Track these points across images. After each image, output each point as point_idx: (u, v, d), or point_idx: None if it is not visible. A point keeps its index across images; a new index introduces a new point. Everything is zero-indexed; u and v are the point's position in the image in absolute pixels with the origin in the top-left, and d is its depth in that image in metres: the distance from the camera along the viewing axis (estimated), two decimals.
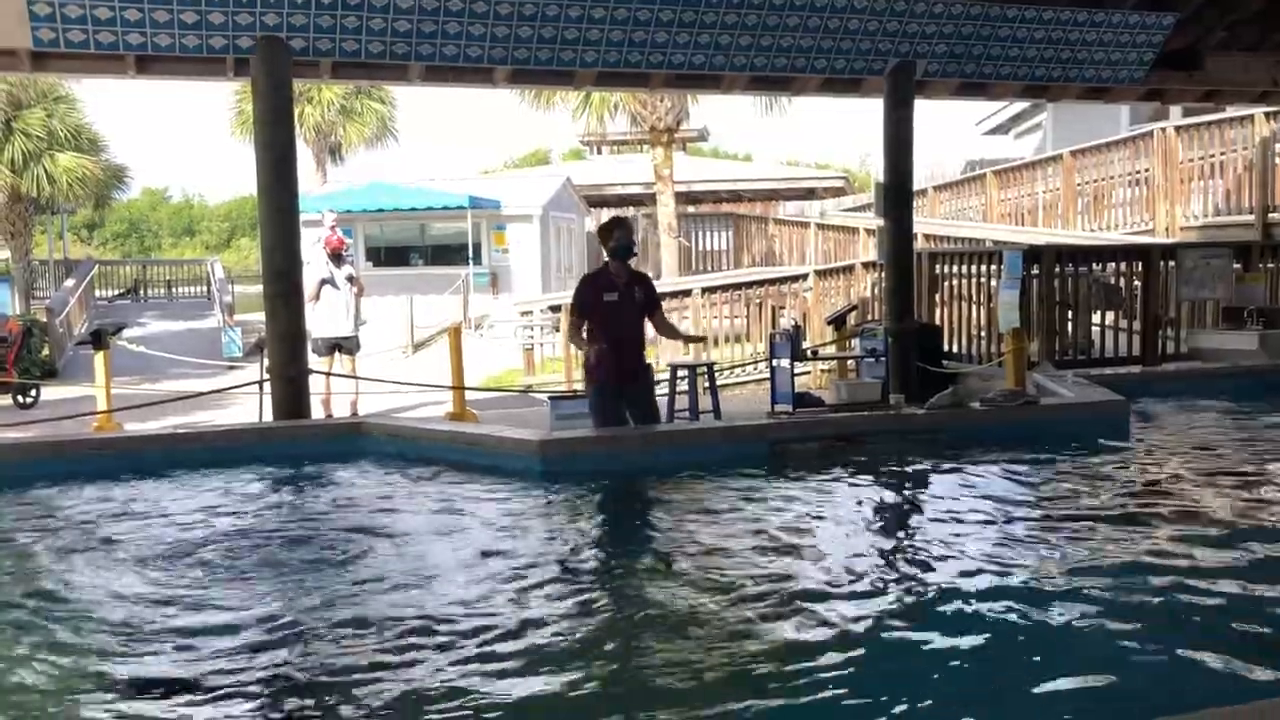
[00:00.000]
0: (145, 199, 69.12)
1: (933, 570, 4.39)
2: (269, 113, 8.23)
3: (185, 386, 12.57)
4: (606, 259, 7.18)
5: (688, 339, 9.20)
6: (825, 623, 3.81)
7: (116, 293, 29.44)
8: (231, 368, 17.14)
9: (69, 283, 24.23)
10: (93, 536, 5.21)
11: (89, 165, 24.92)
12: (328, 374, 10.21)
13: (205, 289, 28.61)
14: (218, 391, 10.60)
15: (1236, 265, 10.75)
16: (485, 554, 4.75)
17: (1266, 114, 13.45)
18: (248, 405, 10.12)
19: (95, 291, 26.76)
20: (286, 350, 8.17)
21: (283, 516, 5.71)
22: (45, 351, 17.85)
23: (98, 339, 9.53)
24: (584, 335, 6.98)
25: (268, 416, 8.52)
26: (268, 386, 8.43)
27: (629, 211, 29.14)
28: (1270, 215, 13.43)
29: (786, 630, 3.76)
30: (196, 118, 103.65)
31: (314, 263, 10.56)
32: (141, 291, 29.72)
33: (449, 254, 25.43)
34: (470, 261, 24.60)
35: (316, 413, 9.20)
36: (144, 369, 14.52)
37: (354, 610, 3.99)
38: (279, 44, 8.12)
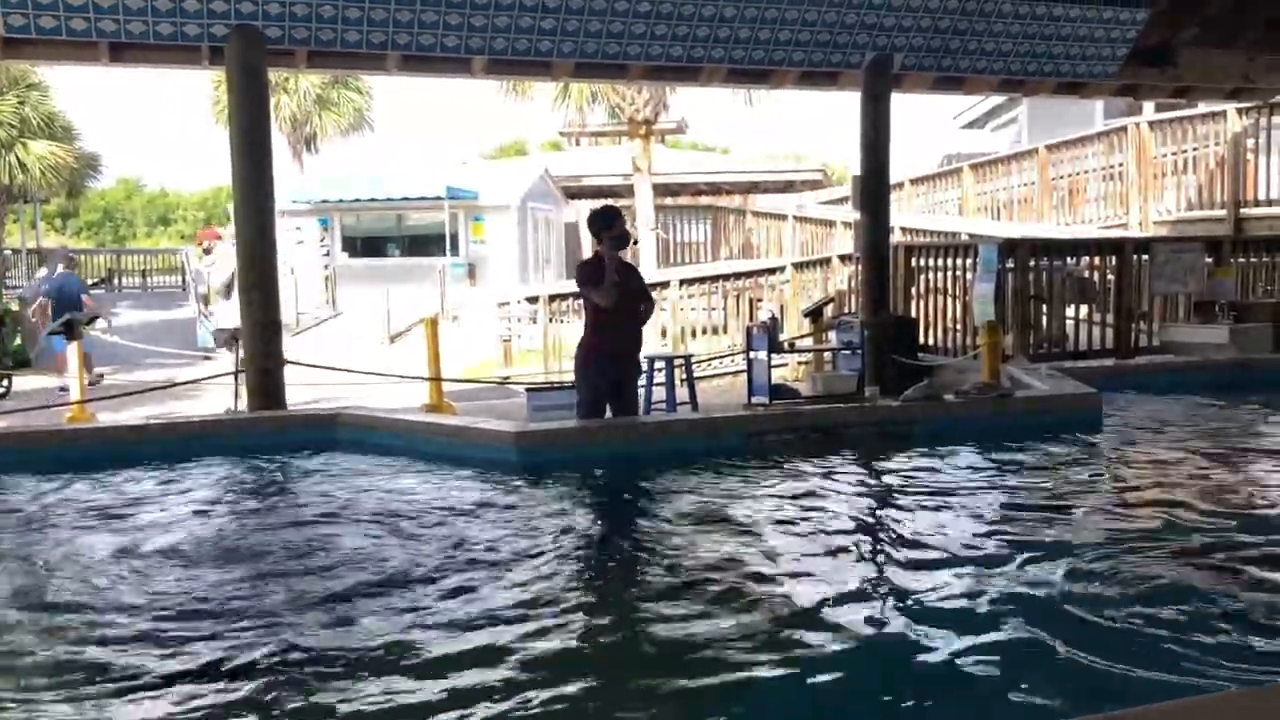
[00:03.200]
0: (119, 188, 68.47)
1: (904, 560, 4.43)
2: (244, 102, 8.19)
3: (160, 376, 12.49)
4: (599, 247, 7.12)
5: None
6: (802, 613, 3.84)
7: (90, 282, 29.18)
8: (206, 358, 17.06)
9: (42, 272, 23.99)
10: (60, 528, 5.18)
11: (62, 153, 24.66)
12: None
13: (180, 279, 28.41)
14: (192, 382, 10.54)
15: (1208, 259, 10.86)
16: (460, 546, 4.75)
17: (1238, 110, 13.58)
18: (222, 395, 10.07)
19: None
20: (261, 340, 8.14)
21: (255, 508, 5.69)
22: (18, 341, 17.70)
23: (70, 329, 9.46)
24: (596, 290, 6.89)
25: (243, 406, 8.47)
26: (243, 377, 8.39)
27: (607, 203, 29.07)
28: (1241, 210, 13.57)
29: (761, 620, 3.78)
30: (172, 106, 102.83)
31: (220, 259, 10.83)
32: (115, 281, 29.49)
33: (426, 245, 25.33)
34: (447, 252, 24.51)
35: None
36: (118, 359, 14.43)
37: (324, 603, 3.98)
38: (254, 32, 8.07)
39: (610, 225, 7.09)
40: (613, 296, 6.83)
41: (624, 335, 7.11)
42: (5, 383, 14.58)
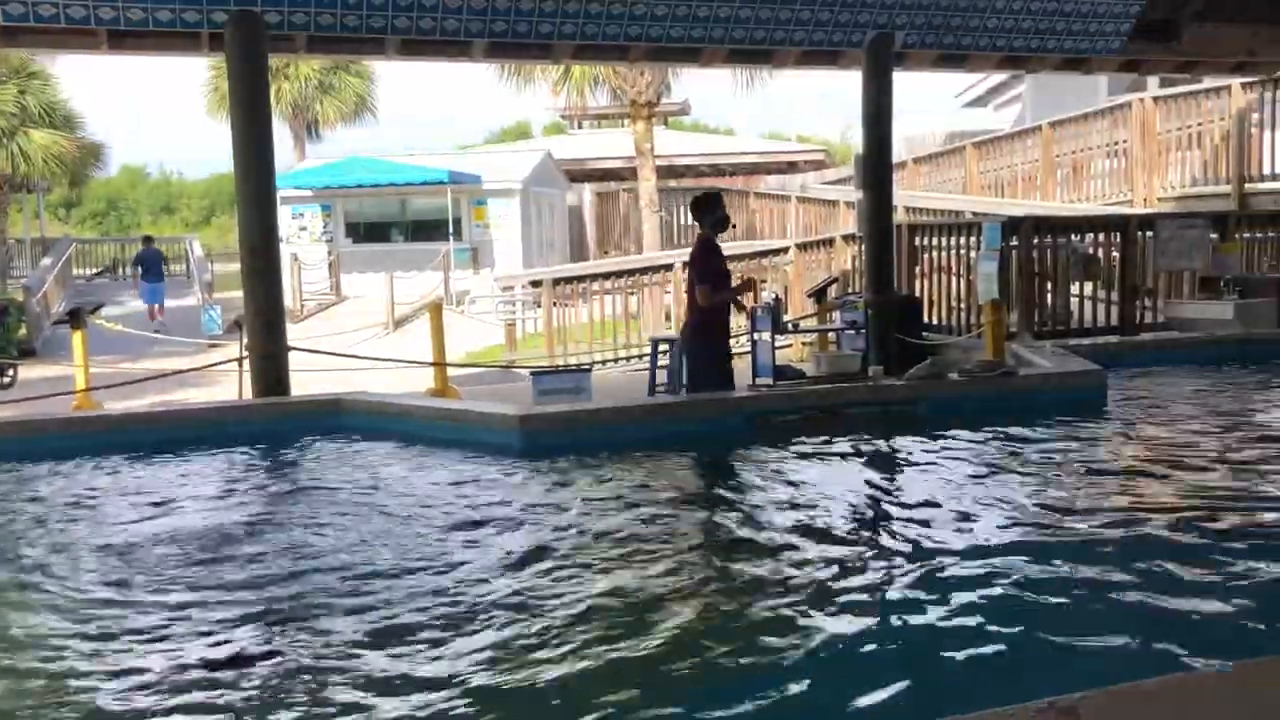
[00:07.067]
0: (123, 176, 68.46)
1: (909, 539, 4.43)
2: (244, 88, 8.17)
3: (165, 365, 12.51)
4: (707, 230, 7.55)
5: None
6: (807, 593, 3.85)
7: (94, 271, 29.23)
8: (212, 346, 17.10)
9: (46, 261, 24.03)
10: (62, 517, 5.20)
11: (64, 142, 24.65)
12: None
13: (184, 267, 28.43)
14: (196, 369, 10.56)
15: (1213, 235, 10.82)
16: (465, 530, 4.76)
17: (1243, 84, 13.49)
18: (228, 383, 10.09)
19: (73, 270, 26.57)
20: (264, 327, 8.14)
21: (259, 495, 5.70)
22: (22, 331, 17.74)
23: (75, 318, 9.46)
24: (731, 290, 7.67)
25: (248, 394, 8.48)
26: (247, 364, 8.39)
27: (611, 185, 29.06)
28: (1246, 185, 13.50)
29: (765, 602, 3.79)
30: (175, 93, 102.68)
31: None
32: (120, 270, 29.51)
33: (429, 230, 25.30)
34: (451, 237, 24.50)
35: None
36: (123, 348, 14.44)
37: (323, 588, 3.99)
38: (253, 18, 8.04)
39: (713, 210, 7.57)
40: (721, 304, 7.51)
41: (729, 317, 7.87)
42: (11, 373, 14.61)
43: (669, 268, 15.93)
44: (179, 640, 3.51)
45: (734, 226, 7.81)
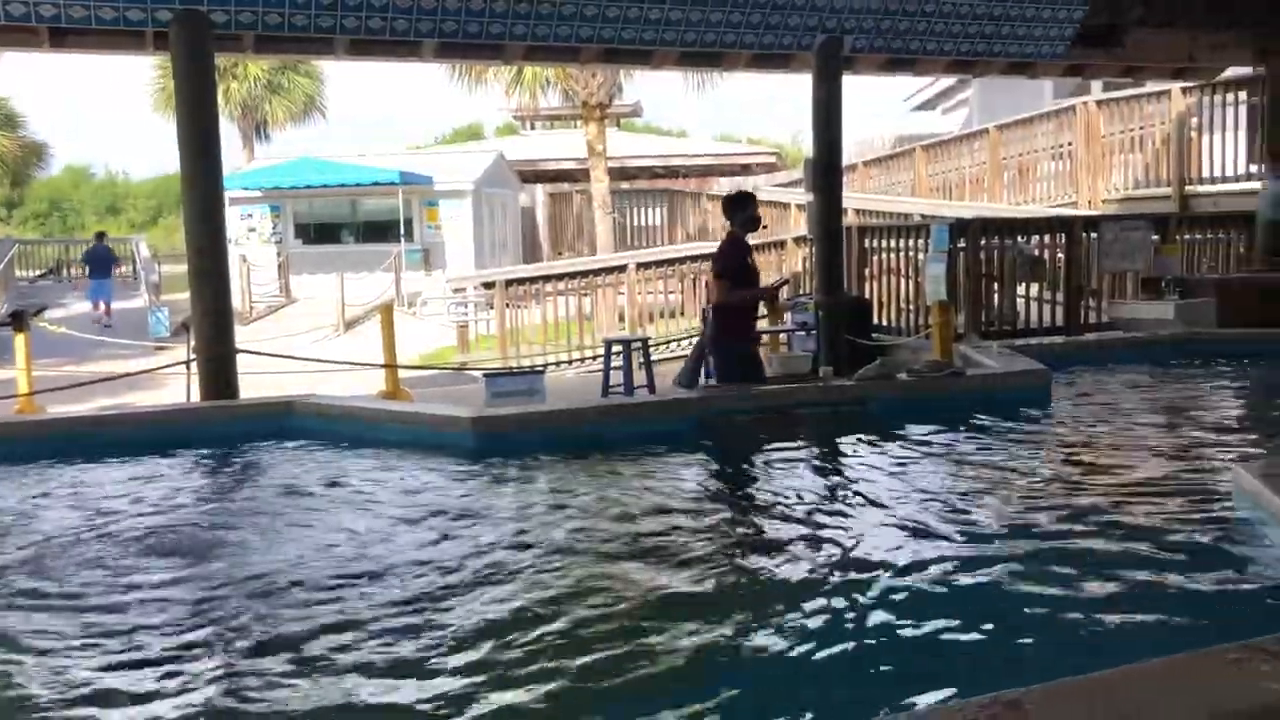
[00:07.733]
0: (66, 176, 67.28)
1: (857, 536, 4.48)
2: (190, 88, 8.07)
3: (111, 368, 12.33)
4: (737, 229, 7.63)
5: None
6: (755, 591, 3.89)
7: (38, 273, 28.71)
8: (159, 348, 16.86)
9: None
10: (9, 523, 5.11)
11: (6, 142, 24.21)
12: None
13: (131, 268, 28.01)
14: (142, 372, 10.41)
15: (1155, 237, 11.03)
16: (416, 532, 4.74)
17: (1183, 89, 13.77)
18: (175, 386, 9.96)
19: (15, 272, 26.07)
20: (212, 329, 8.05)
21: (208, 499, 5.64)
22: None
23: (17, 320, 9.29)
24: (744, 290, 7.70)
25: (196, 397, 8.38)
26: (195, 367, 8.29)
27: (564, 186, 29.04)
28: (1186, 188, 13.78)
29: (717, 599, 3.82)
30: (120, 91, 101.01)
31: None
32: (64, 271, 29.00)
33: (380, 231, 25.14)
34: (402, 238, 24.34)
35: None
36: (67, 351, 14.20)
37: (276, 592, 3.97)
38: (199, 17, 7.95)
39: (743, 209, 7.65)
40: (739, 301, 7.59)
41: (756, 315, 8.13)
42: None
43: (622, 269, 15.96)
44: (116, 648, 3.47)
45: (765, 227, 7.93)
